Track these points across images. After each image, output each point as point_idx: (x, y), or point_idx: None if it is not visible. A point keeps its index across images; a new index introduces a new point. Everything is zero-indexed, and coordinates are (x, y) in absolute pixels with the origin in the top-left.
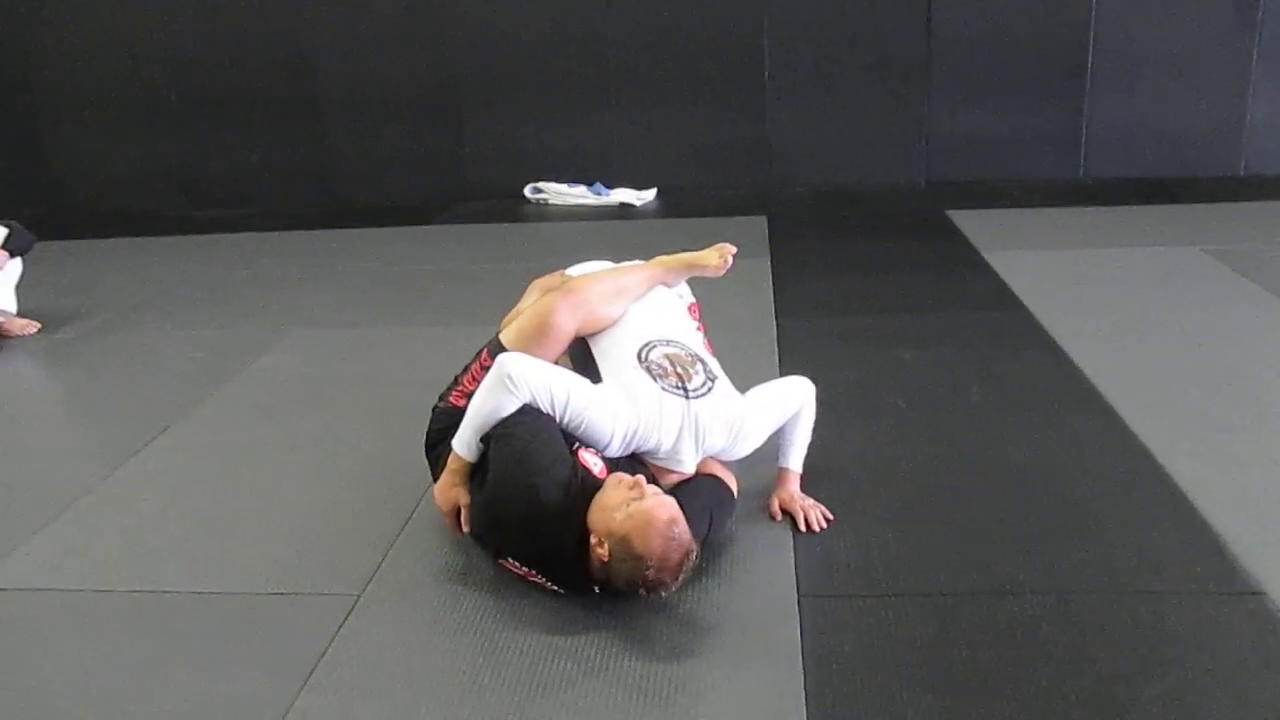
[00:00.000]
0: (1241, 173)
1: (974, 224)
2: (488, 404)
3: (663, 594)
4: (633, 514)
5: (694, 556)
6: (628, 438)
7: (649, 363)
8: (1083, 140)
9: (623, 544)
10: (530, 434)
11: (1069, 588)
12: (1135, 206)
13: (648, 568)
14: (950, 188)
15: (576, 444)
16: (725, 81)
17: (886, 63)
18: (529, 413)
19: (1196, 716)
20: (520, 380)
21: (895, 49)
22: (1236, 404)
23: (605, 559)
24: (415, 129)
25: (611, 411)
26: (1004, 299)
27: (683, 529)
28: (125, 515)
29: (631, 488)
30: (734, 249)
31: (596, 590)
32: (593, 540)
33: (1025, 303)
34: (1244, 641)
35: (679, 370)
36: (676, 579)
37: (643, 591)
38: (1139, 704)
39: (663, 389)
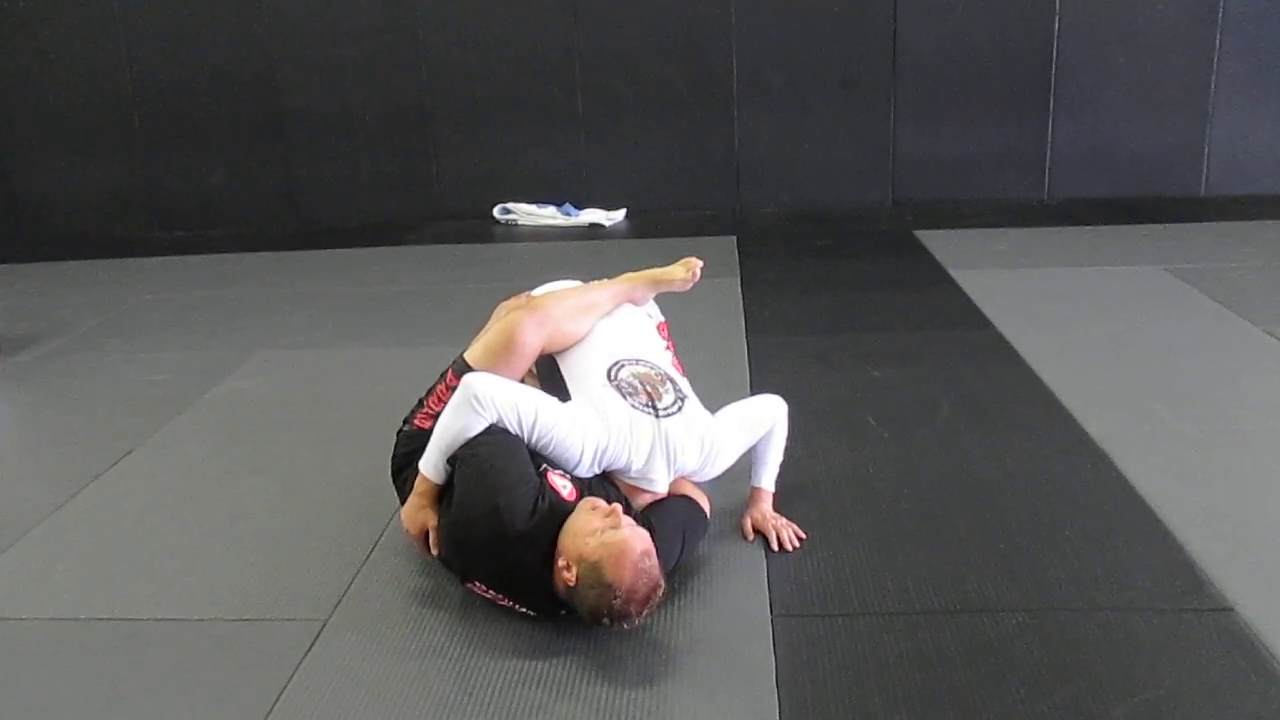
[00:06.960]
0: (1202, 193)
1: (941, 243)
2: (454, 425)
3: (626, 626)
4: (606, 542)
5: (661, 592)
6: (598, 455)
7: (618, 381)
8: (1047, 161)
9: (593, 570)
10: (494, 454)
11: (1040, 605)
12: (1099, 226)
13: (615, 597)
14: (917, 208)
15: (544, 465)
16: (694, 102)
17: (853, 84)
18: (495, 433)
19: None
20: (486, 400)
21: (862, 70)
22: (1200, 419)
23: (572, 584)
24: (384, 149)
25: (581, 429)
26: (972, 317)
27: (654, 563)
28: (85, 541)
29: (607, 515)
30: (700, 262)
31: (564, 612)
32: (560, 564)
33: (993, 321)
34: (1213, 657)
35: (648, 389)
36: (642, 612)
37: (606, 621)
38: None
39: (632, 407)
